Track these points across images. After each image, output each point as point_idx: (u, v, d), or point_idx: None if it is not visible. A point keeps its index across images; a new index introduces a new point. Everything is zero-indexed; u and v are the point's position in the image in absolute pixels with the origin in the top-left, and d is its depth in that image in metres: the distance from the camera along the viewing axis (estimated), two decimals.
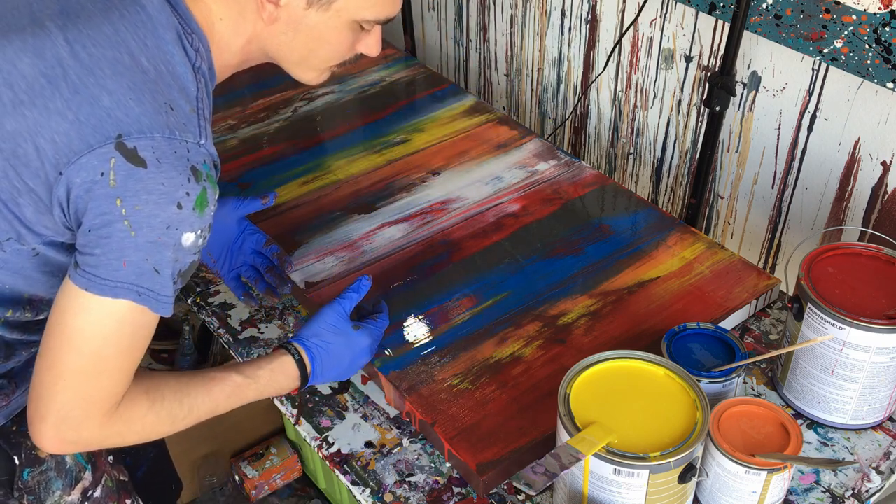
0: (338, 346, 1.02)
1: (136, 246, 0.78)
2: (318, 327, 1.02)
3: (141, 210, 0.78)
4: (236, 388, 0.95)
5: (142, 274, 0.80)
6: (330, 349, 1.01)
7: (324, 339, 1.01)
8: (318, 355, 1.00)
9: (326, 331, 1.02)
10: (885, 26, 1.12)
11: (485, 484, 0.95)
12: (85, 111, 0.78)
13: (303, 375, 1.00)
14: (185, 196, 0.79)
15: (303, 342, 1.01)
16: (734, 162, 1.45)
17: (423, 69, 1.67)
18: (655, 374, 0.89)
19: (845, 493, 0.96)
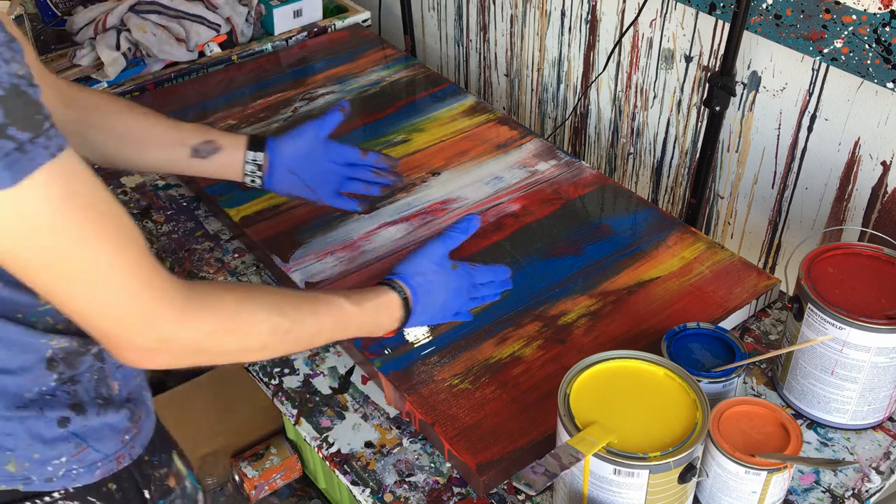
0: (437, 285, 0.96)
1: None
2: (422, 264, 0.96)
3: None
4: (343, 314, 0.87)
5: None
6: (430, 289, 0.95)
7: (426, 278, 0.95)
8: (420, 295, 0.94)
9: (430, 269, 0.96)
10: (885, 26, 1.12)
11: (485, 484, 0.95)
12: None
13: (405, 315, 0.94)
14: None
15: (406, 279, 0.94)
16: (734, 162, 1.45)
17: (423, 69, 1.67)
18: (655, 374, 0.89)
19: (845, 493, 0.96)
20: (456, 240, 1.00)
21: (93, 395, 0.83)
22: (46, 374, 0.79)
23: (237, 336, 0.78)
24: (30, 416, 0.79)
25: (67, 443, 0.81)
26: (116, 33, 1.64)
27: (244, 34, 1.74)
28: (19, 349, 0.77)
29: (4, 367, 0.77)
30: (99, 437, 0.83)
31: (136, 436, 0.86)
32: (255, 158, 1.11)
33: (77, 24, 1.67)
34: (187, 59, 1.67)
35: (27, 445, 0.79)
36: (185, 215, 1.36)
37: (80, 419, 0.81)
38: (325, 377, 1.10)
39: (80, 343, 0.81)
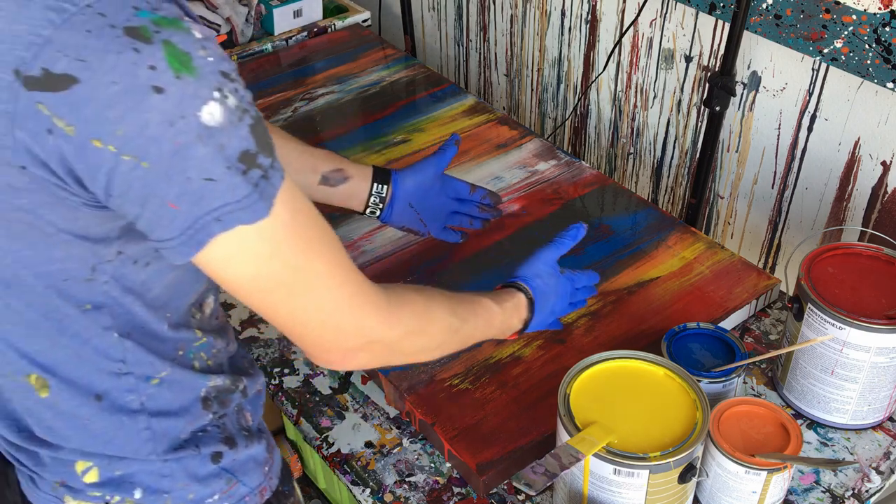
0: (551, 289, 0.98)
1: (163, 175, 0.58)
2: (539, 267, 0.97)
3: (124, 131, 0.56)
4: (491, 314, 0.88)
5: (199, 199, 0.59)
6: (546, 291, 0.96)
7: (544, 281, 0.97)
8: (539, 297, 0.95)
9: (546, 273, 0.97)
10: (885, 26, 1.12)
11: (485, 484, 0.95)
12: None
13: (529, 317, 0.95)
14: (152, 71, 0.56)
15: (529, 282, 0.96)
16: (734, 162, 1.45)
17: (423, 69, 1.67)
18: (655, 374, 0.89)
19: (845, 493, 0.96)
20: (566, 246, 1.01)
21: (237, 427, 0.82)
22: (203, 414, 0.78)
23: (425, 336, 0.80)
24: (186, 455, 0.78)
25: (219, 479, 0.80)
26: None
27: (244, 34, 1.74)
28: (180, 389, 0.76)
29: (167, 409, 0.76)
30: (245, 471, 0.82)
31: (272, 466, 0.86)
32: (379, 191, 1.10)
33: None
34: None
35: (183, 486, 0.78)
36: None
37: (232, 453, 0.80)
38: (325, 377, 1.10)
39: (232, 381, 0.81)
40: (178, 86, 0.56)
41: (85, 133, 0.56)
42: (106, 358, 0.71)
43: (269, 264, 0.64)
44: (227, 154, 0.59)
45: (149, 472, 0.77)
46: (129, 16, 0.56)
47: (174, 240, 0.61)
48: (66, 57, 0.55)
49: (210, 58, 0.59)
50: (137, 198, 0.59)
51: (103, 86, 0.55)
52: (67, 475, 0.76)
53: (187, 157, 0.58)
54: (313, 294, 0.68)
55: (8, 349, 0.71)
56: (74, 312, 0.69)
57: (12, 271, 0.66)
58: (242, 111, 0.60)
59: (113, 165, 0.57)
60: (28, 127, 0.57)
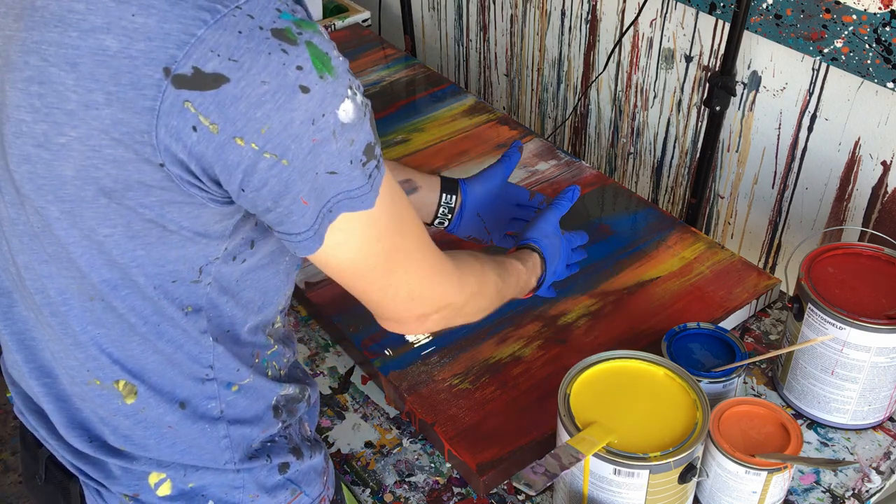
0: (556, 248, 1.01)
1: (299, 172, 0.60)
2: (546, 228, 1.00)
3: (269, 129, 0.58)
4: (518, 273, 0.92)
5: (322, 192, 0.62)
6: (553, 251, 1.00)
7: (550, 241, 1.00)
8: (548, 256, 0.98)
9: (551, 233, 1.00)
10: (886, 26, 1.12)
11: (485, 484, 0.95)
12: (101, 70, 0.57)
13: (542, 275, 0.97)
14: (299, 71, 0.58)
15: (539, 242, 0.98)
16: (734, 162, 1.45)
17: (423, 69, 1.67)
18: (655, 374, 0.89)
19: (845, 493, 0.96)
20: (564, 208, 1.04)
21: (301, 437, 0.83)
22: (273, 422, 0.79)
23: (482, 297, 0.83)
24: (258, 465, 0.78)
25: (285, 490, 0.80)
26: None
27: None
28: (255, 397, 0.77)
29: (243, 417, 0.76)
30: (308, 481, 0.82)
31: (329, 475, 0.86)
32: (448, 202, 1.09)
33: None
34: None
35: (252, 497, 0.78)
36: None
37: (297, 463, 0.80)
38: (325, 377, 1.10)
39: (300, 390, 0.81)
40: (322, 85, 0.59)
41: (229, 131, 0.58)
42: (196, 363, 0.72)
43: (373, 247, 0.67)
44: (354, 149, 0.62)
45: (221, 483, 0.77)
46: (273, 17, 0.58)
47: (303, 234, 0.63)
48: (219, 56, 0.56)
49: (341, 57, 0.61)
50: (272, 194, 0.61)
51: (254, 85, 0.57)
52: (140, 487, 0.76)
53: (320, 153, 0.60)
54: (406, 270, 0.71)
55: (100, 354, 0.71)
56: (177, 315, 0.69)
57: (123, 272, 0.66)
58: (365, 105, 0.63)
59: (252, 163, 0.59)
60: (172, 125, 0.58)
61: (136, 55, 0.57)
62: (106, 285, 0.67)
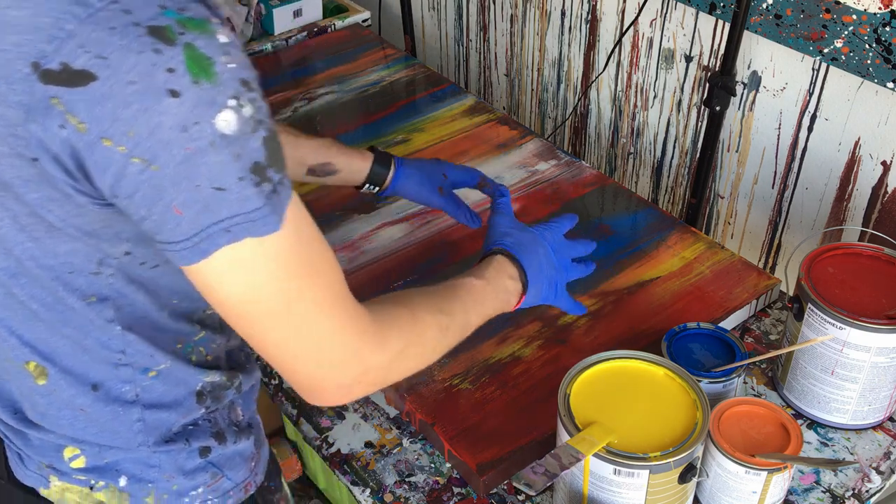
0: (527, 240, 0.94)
1: (171, 180, 0.56)
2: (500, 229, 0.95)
3: (136, 132, 0.55)
4: (475, 291, 0.84)
5: (206, 207, 0.58)
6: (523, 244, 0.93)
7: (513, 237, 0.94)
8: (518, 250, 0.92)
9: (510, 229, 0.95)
10: (886, 26, 1.12)
11: (485, 484, 0.95)
12: None
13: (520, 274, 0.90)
14: (170, 74, 0.55)
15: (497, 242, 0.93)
16: (734, 162, 1.45)
17: (423, 69, 1.67)
18: (655, 374, 0.89)
19: (845, 493, 0.96)
20: (505, 205, 0.99)
21: (228, 423, 0.82)
22: (196, 408, 0.78)
23: (418, 347, 0.76)
24: (176, 448, 0.77)
25: (205, 473, 0.80)
26: None
27: (244, 34, 1.74)
28: (174, 383, 0.76)
29: (162, 402, 0.76)
30: (232, 466, 0.82)
31: (259, 462, 0.85)
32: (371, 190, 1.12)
33: None
34: None
35: (168, 477, 0.78)
36: None
37: (220, 448, 0.80)
38: None
39: (228, 377, 0.80)
40: (195, 91, 0.55)
41: (97, 131, 0.55)
42: (106, 349, 0.71)
43: (267, 284, 0.62)
44: (240, 164, 0.57)
45: (135, 461, 0.77)
46: (154, 14, 0.55)
47: (178, 244, 0.59)
48: (88, 53, 0.54)
49: (232, 64, 0.57)
50: (144, 200, 0.58)
51: (121, 85, 0.54)
52: (55, 459, 0.77)
53: (198, 164, 0.56)
54: (306, 323, 0.65)
55: (10, 336, 0.71)
56: (79, 304, 0.68)
57: (18, 262, 0.66)
58: (257, 122, 0.58)
59: (122, 166, 0.56)
60: (41, 121, 0.56)
61: (8, 48, 0.56)
62: (4, 273, 0.67)
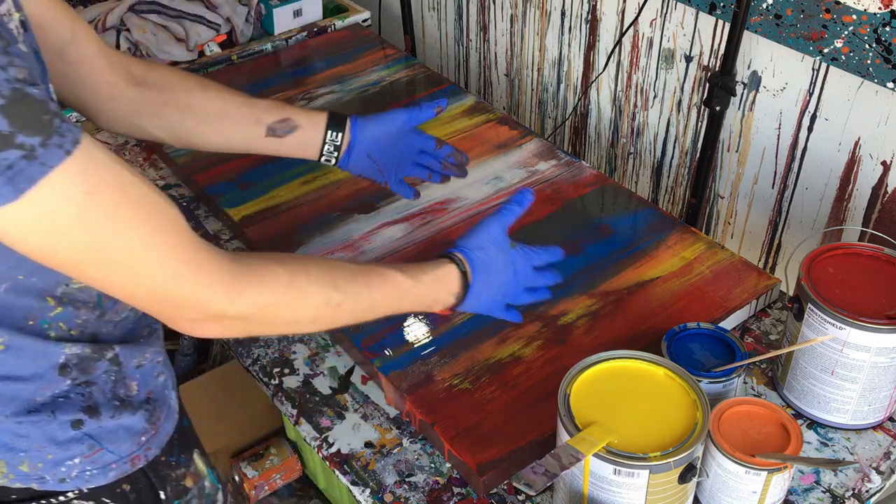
0: (497, 262, 0.93)
1: None
2: (483, 239, 0.93)
3: None
4: (397, 288, 0.85)
5: None
6: (490, 265, 0.92)
7: (486, 253, 0.92)
8: (479, 270, 0.91)
9: (490, 244, 0.93)
10: (886, 26, 1.12)
11: (485, 484, 0.95)
12: None
13: (462, 292, 0.90)
14: None
15: (467, 253, 0.91)
16: (734, 162, 1.45)
17: (423, 69, 1.67)
18: (655, 374, 0.89)
19: (845, 493, 0.96)
20: (513, 214, 0.96)
21: (109, 397, 0.82)
22: (59, 380, 0.78)
23: (288, 309, 0.78)
24: (42, 419, 0.78)
25: (81, 444, 0.80)
26: (116, 33, 1.64)
27: (244, 34, 1.74)
28: (31, 357, 0.76)
29: (16, 375, 0.76)
30: (113, 439, 0.82)
31: (154, 437, 0.85)
32: (333, 139, 1.07)
33: None
34: (187, 59, 1.67)
35: (40, 447, 0.79)
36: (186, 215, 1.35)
37: (94, 421, 0.80)
38: (325, 377, 1.10)
39: (95, 349, 0.80)
40: None
41: None
42: None
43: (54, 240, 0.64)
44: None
45: (3, 430, 0.77)
46: None
47: None
48: None
49: None
50: None
51: None
52: None
53: None
54: (131, 269, 0.67)
55: None
56: None
57: None
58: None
59: None
60: None
61: None
62: None
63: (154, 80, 1.02)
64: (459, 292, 0.91)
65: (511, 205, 0.97)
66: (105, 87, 0.98)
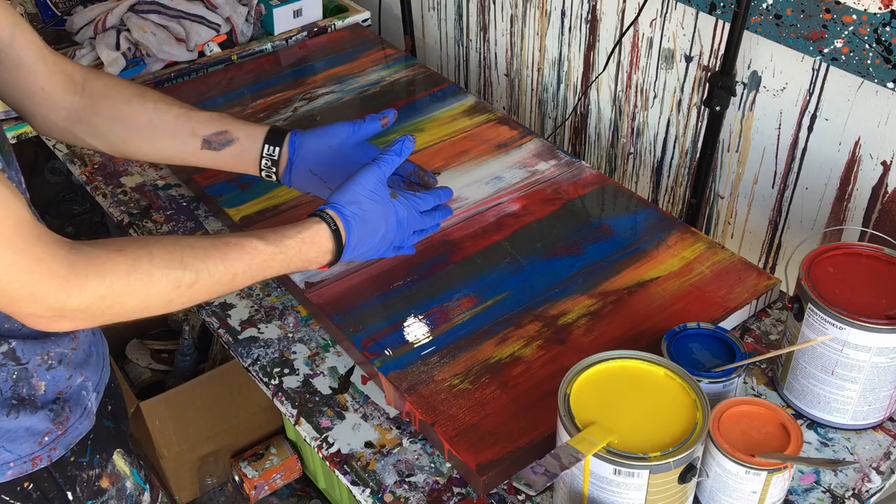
0: (375, 214, 0.92)
1: None
2: (357, 193, 0.91)
3: None
4: (258, 256, 0.84)
5: None
6: (367, 218, 0.91)
7: (361, 207, 0.91)
8: (354, 225, 0.90)
9: (365, 197, 0.91)
10: (886, 26, 1.12)
11: (485, 484, 0.95)
12: None
13: (337, 248, 0.90)
14: None
15: (339, 209, 0.91)
16: (734, 162, 1.45)
17: (423, 69, 1.67)
18: (655, 374, 0.89)
19: (845, 493, 0.96)
20: (391, 163, 0.94)
21: (7, 396, 0.81)
22: None
23: (133, 297, 0.76)
24: None
25: None
26: (116, 33, 1.64)
27: (244, 34, 1.74)
28: None
29: None
30: (11, 438, 0.81)
31: (60, 437, 0.84)
32: (270, 153, 1.05)
33: (77, 23, 1.67)
34: (187, 59, 1.67)
35: None
36: (185, 215, 1.36)
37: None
38: (325, 377, 1.10)
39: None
40: None
41: None
42: None
43: None
44: None
45: None
46: None
47: None
48: None
49: None
50: None
51: None
52: None
53: None
54: None
55: None
56: None
57: None
58: None
59: None
60: None
61: None
62: None
63: (93, 89, 1.01)
64: (334, 248, 0.90)
65: (389, 154, 0.95)
66: (40, 94, 0.97)
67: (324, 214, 0.90)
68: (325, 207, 0.91)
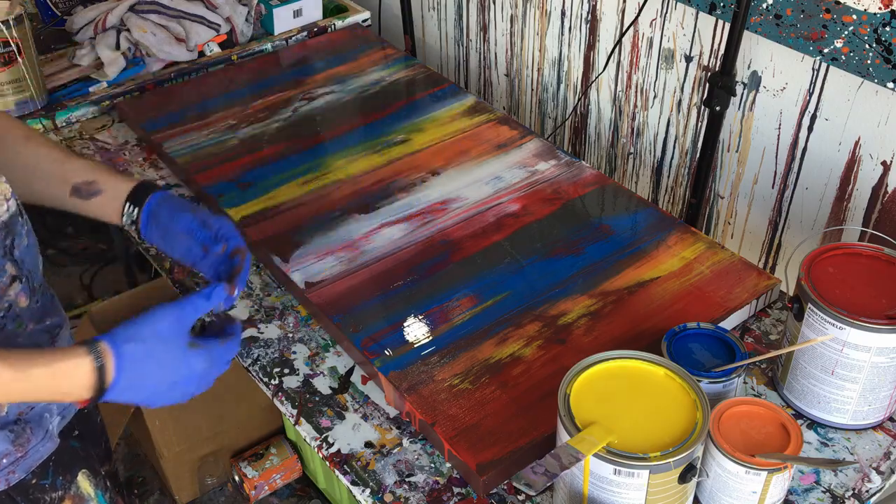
0: (162, 359, 0.82)
1: None
2: (143, 331, 0.81)
3: None
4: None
5: None
6: (147, 363, 0.80)
7: (145, 346, 0.80)
8: (127, 367, 0.79)
9: (154, 338, 0.81)
10: (886, 26, 1.12)
11: (485, 484, 0.95)
12: None
13: (99, 387, 0.78)
14: None
15: (116, 345, 0.79)
16: (734, 162, 1.45)
17: (423, 69, 1.67)
18: (655, 374, 0.89)
19: (845, 493, 0.96)
20: (195, 308, 0.84)
21: None
22: None
23: None
24: None
25: None
26: (116, 33, 1.64)
27: (244, 34, 1.74)
28: None
29: None
30: None
31: (20, 460, 0.82)
32: (130, 213, 0.99)
33: (77, 23, 1.67)
34: (187, 59, 1.67)
35: None
36: None
37: None
38: (325, 377, 1.10)
39: None
40: None
41: None
42: None
43: None
44: None
45: None
46: None
47: None
48: None
49: None
50: None
51: None
52: None
53: None
54: None
55: None
56: None
57: None
58: None
59: None
60: None
61: None
62: None
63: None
64: (94, 386, 0.78)
65: (197, 297, 0.85)
66: None
67: (94, 346, 0.78)
68: (101, 339, 0.79)
